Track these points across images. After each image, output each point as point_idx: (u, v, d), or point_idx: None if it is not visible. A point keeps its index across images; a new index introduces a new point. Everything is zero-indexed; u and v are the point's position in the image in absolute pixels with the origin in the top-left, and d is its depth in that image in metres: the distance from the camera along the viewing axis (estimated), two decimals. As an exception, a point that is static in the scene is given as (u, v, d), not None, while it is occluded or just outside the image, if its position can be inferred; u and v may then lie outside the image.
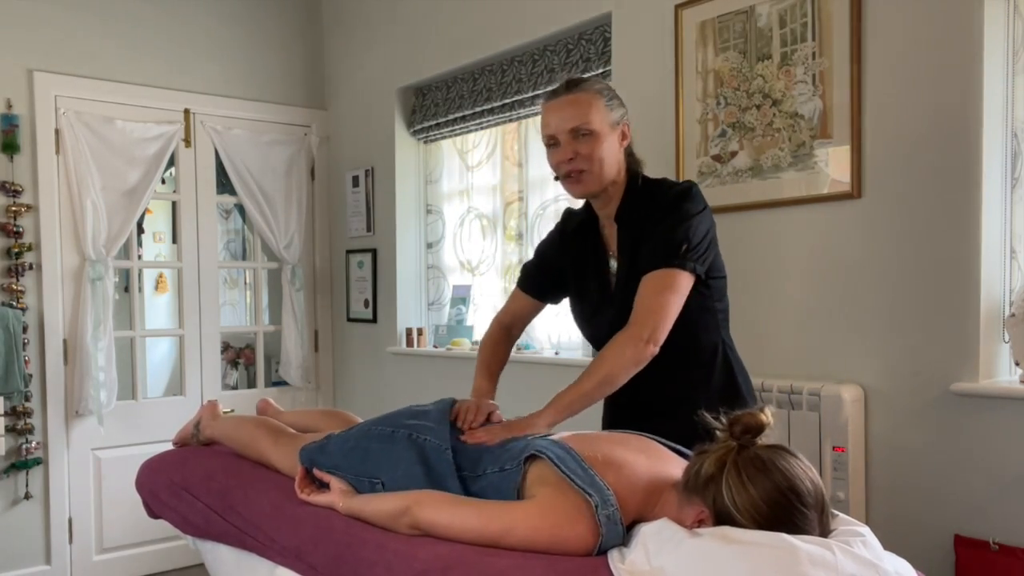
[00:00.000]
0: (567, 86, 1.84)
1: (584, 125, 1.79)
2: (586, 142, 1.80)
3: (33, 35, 3.60)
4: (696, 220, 1.77)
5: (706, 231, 1.79)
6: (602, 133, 1.80)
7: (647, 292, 1.74)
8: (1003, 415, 2.06)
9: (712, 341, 1.86)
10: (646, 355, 1.71)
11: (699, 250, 1.76)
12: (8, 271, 3.52)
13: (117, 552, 3.83)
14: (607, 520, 1.37)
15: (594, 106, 1.80)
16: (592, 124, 1.79)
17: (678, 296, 1.73)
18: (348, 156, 4.33)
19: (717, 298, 1.86)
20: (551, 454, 1.45)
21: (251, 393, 4.25)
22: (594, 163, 1.81)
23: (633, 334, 1.72)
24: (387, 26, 4.03)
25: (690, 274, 1.75)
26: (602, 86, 1.86)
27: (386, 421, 1.81)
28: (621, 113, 1.85)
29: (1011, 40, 2.13)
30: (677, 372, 1.83)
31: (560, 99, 1.83)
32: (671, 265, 1.73)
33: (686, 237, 1.75)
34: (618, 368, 1.72)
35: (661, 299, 1.72)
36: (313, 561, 1.61)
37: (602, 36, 3.05)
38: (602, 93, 1.83)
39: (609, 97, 1.83)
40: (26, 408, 3.55)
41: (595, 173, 1.82)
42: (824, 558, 1.20)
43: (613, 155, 1.83)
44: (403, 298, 4.04)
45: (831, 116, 2.35)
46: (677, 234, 1.75)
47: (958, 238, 2.12)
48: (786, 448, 1.35)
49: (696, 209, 1.79)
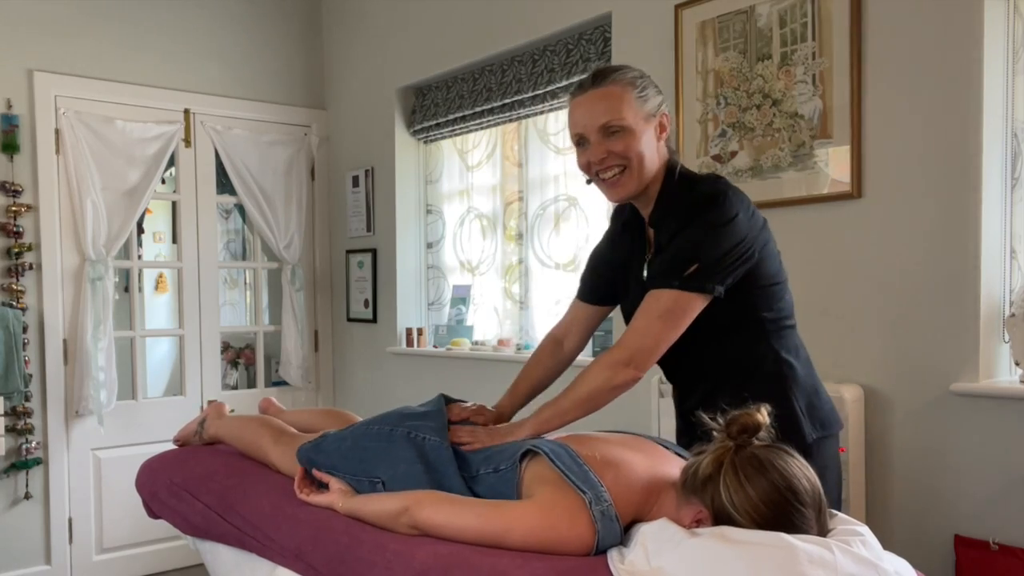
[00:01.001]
0: (594, 78, 1.67)
1: (615, 121, 1.63)
2: (620, 139, 1.63)
3: (33, 35, 3.60)
4: (719, 233, 1.58)
5: (736, 242, 1.59)
6: (636, 128, 1.63)
7: (641, 312, 1.61)
8: (1003, 415, 2.05)
9: (757, 355, 1.68)
10: (624, 380, 1.60)
11: (717, 267, 1.58)
12: (8, 271, 3.53)
13: (117, 552, 3.83)
14: (602, 516, 1.36)
15: (625, 99, 1.63)
16: (625, 119, 1.63)
17: (676, 319, 1.59)
18: (348, 156, 4.33)
19: (765, 307, 1.67)
20: (546, 450, 1.46)
21: (251, 393, 4.25)
22: (632, 160, 1.64)
23: (614, 358, 1.61)
24: (387, 26, 4.03)
25: (697, 294, 1.58)
26: (635, 74, 1.67)
27: (383, 420, 1.80)
28: (658, 102, 1.68)
29: (1011, 40, 2.13)
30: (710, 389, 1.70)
31: (587, 94, 1.66)
32: (672, 287, 1.58)
33: (697, 255, 1.58)
34: (595, 391, 1.62)
35: (654, 324, 1.59)
36: (313, 561, 1.61)
37: (602, 36, 3.05)
38: (634, 83, 1.65)
39: (642, 87, 1.66)
40: (26, 408, 3.55)
41: (634, 172, 1.66)
42: (823, 557, 1.20)
43: (652, 150, 1.66)
44: (403, 298, 4.04)
45: (831, 116, 2.35)
46: (687, 250, 1.59)
47: (958, 238, 2.12)
48: (783, 448, 1.35)
49: (722, 219, 1.59)
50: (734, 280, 1.61)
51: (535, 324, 3.50)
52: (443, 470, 1.62)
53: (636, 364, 1.60)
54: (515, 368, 3.34)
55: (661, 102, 1.69)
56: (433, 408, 1.80)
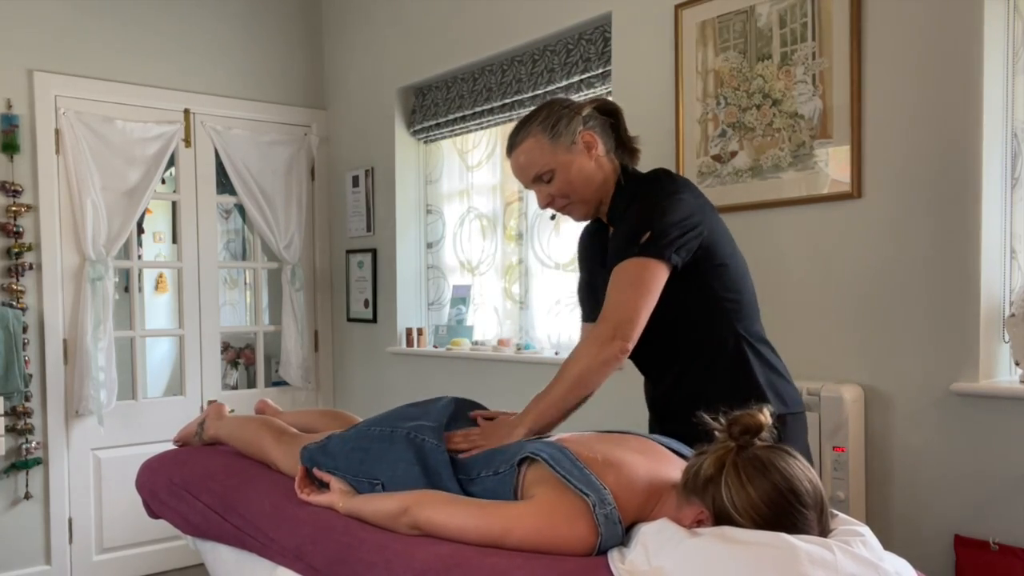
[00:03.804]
0: (509, 142, 1.83)
1: (539, 170, 1.78)
2: (553, 182, 1.78)
3: (33, 35, 3.60)
4: (665, 205, 1.67)
5: (684, 215, 1.67)
6: (561, 164, 1.76)
7: (612, 287, 1.66)
8: (1003, 415, 2.05)
9: (719, 335, 1.75)
10: (611, 353, 1.63)
11: (670, 235, 1.65)
12: (8, 271, 3.53)
13: (117, 552, 3.84)
14: (605, 519, 1.36)
15: (539, 147, 1.77)
16: (547, 164, 1.77)
17: (645, 286, 1.64)
18: (348, 156, 4.33)
19: (722, 288, 1.74)
20: (545, 456, 1.45)
21: (251, 393, 4.25)
22: (572, 193, 1.79)
23: (597, 333, 1.65)
24: (387, 26, 4.03)
25: (658, 261, 1.64)
26: (541, 116, 1.78)
27: (386, 420, 1.80)
28: (572, 129, 1.76)
29: (1011, 40, 2.13)
30: (680, 371, 1.78)
31: (511, 158, 1.83)
32: (631, 255, 1.65)
33: (648, 224, 1.65)
34: (584, 370, 1.65)
35: (624, 293, 1.64)
36: (313, 561, 1.61)
37: (602, 36, 3.05)
38: (543, 126, 1.77)
39: (551, 125, 1.76)
40: (26, 408, 3.55)
41: (577, 199, 1.81)
42: (824, 558, 1.20)
43: (586, 173, 1.78)
44: (403, 298, 4.04)
45: (831, 116, 2.35)
46: (638, 224, 1.67)
47: (958, 238, 2.12)
48: (785, 448, 1.35)
49: (666, 193, 1.70)
50: (688, 254, 1.68)
51: (535, 324, 3.50)
52: (440, 473, 1.62)
53: (620, 335, 1.63)
54: (515, 368, 3.35)
55: (576, 126, 1.77)
56: (438, 408, 1.80)
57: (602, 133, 1.81)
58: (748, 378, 1.74)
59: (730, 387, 1.71)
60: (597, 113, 1.81)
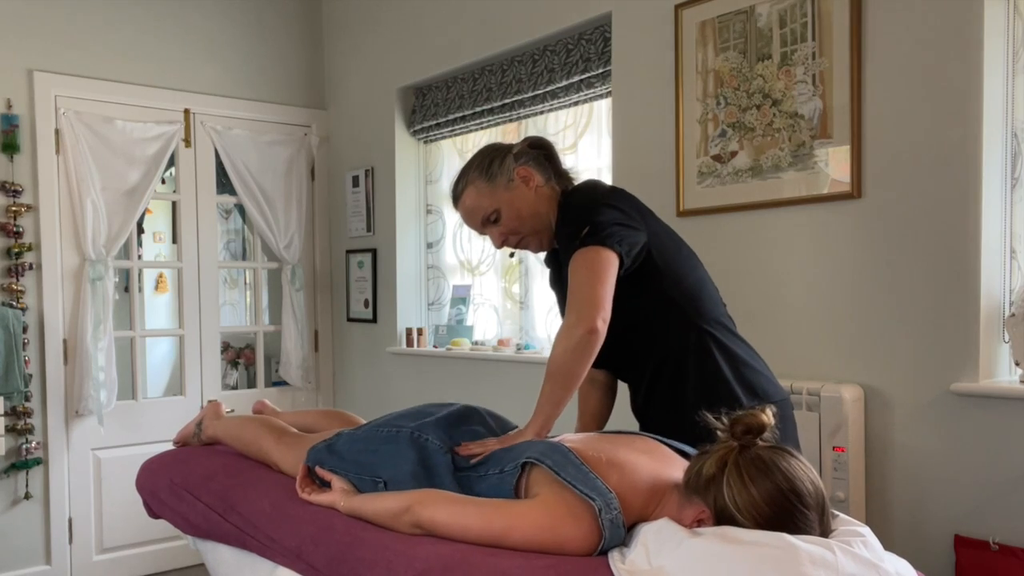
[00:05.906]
0: (452, 193, 1.91)
1: (484, 214, 1.85)
2: (500, 222, 1.85)
3: (33, 35, 3.60)
4: (595, 202, 1.76)
5: (617, 211, 1.74)
6: (503, 203, 1.83)
7: (570, 282, 1.70)
8: (1003, 415, 2.06)
9: (680, 334, 1.77)
10: (579, 335, 1.64)
11: (606, 226, 1.70)
12: (8, 271, 3.52)
13: (117, 552, 3.83)
14: (611, 524, 1.36)
15: (479, 192, 1.84)
16: (489, 207, 1.84)
17: (597, 270, 1.67)
18: (348, 156, 4.33)
19: (673, 287, 1.78)
20: (549, 462, 1.44)
21: (251, 393, 4.25)
22: (521, 227, 1.85)
23: (564, 323, 1.69)
24: (387, 26, 4.03)
25: (601, 247, 1.68)
26: (475, 163, 1.87)
27: (392, 422, 1.80)
28: (507, 167, 1.84)
29: (1011, 40, 2.13)
30: (652, 376, 1.81)
31: (457, 207, 1.90)
32: (576, 248, 1.70)
33: (584, 220, 1.71)
34: (561, 362, 1.67)
35: (582, 280, 1.67)
36: (313, 561, 1.61)
37: (602, 36, 3.05)
38: (480, 172, 1.84)
39: (485, 168, 1.84)
40: (26, 408, 3.55)
41: (528, 232, 1.86)
42: (824, 558, 1.20)
43: (529, 205, 1.84)
44: (403, 298, 4.03)
45: (831, 116, 2.35)
46: (574, 222, 1.74)
47: (958, 238, 2.12)
48: (787, 449, 1.35)
49: (594, 193, 1.80)
50: (632, 248, 1.72)
51: (535, 324, 3.50)
52: (441, 473, 1.62)
53: (583, 317, 1.65)
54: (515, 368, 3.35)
55: (509, 164, 1.84)
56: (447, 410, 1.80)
57: (537, 166, 1.86)
58: (716, 373, 1.76)
59: (700, 385, 1.75)
60: (528, 148, 1.88)
